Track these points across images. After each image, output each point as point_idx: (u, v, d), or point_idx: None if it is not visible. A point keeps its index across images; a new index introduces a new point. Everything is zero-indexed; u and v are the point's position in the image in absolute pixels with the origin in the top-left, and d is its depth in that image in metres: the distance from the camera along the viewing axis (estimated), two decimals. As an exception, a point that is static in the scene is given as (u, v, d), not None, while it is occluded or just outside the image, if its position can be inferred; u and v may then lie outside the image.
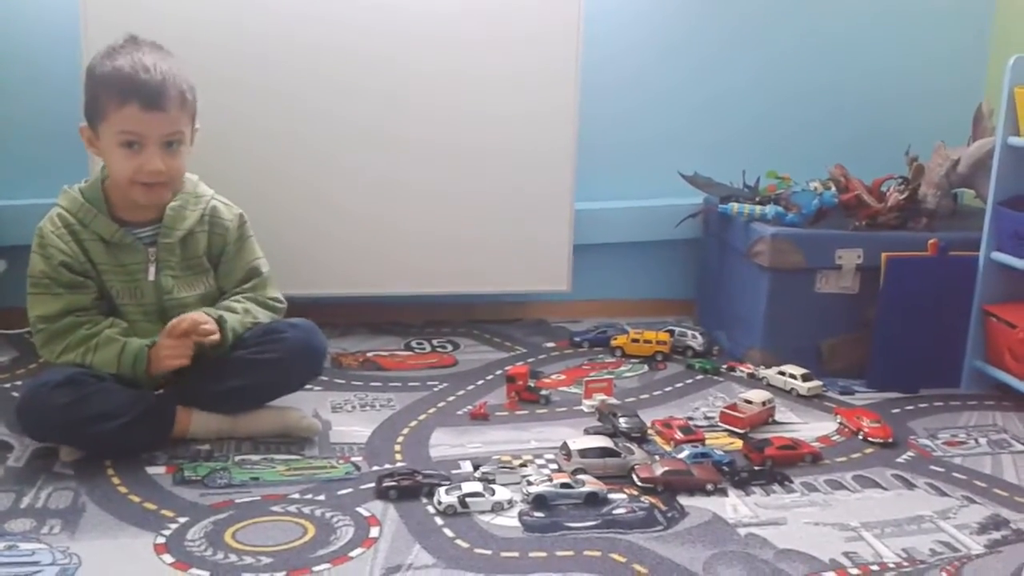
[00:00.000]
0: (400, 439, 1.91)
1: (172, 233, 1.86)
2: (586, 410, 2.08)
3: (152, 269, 1.86)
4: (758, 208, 2.39)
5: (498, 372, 2.28)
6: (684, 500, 1.69)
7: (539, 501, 1.65)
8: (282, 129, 2.32)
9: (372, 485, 1.69)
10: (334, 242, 2.40)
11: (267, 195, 2.11)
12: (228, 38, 2.23)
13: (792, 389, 2.22)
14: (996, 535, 1.62)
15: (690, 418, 2.04)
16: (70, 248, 1.81)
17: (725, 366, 2.36)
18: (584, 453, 1.77)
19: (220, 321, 1.82)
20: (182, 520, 1.57)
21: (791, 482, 1.78)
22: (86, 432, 1.73)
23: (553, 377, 2.28)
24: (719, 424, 2.02)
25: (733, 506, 1.68)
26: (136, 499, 1.63)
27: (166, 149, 1.79)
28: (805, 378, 2.22)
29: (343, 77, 2.33)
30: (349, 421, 1.99)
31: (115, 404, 1.74)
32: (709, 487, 1.72)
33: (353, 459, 1.81)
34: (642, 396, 2.19)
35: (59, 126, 2.34)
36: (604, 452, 1.78)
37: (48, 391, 1.71)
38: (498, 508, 1.63)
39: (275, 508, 1.62)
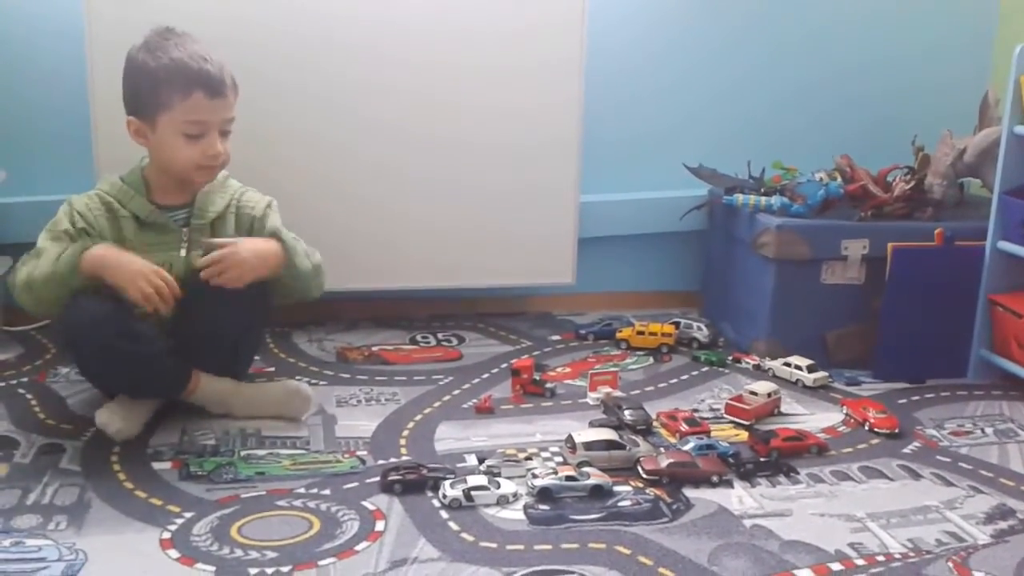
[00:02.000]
0: (405, 433, 1.91)
1: (204, 215, 1.94)
2: (591, 403, 2.08)
3: (184, 248, 1.91)
4: (763, 199, 2.38)
5: (503, 365, 2.27)
6: (689, 492, 1.69)
7: (544, 494, 1.65)
8: (283, 123, 2.32)
9: (377, 479, 1.70)
10: (339, 236, 2.39)
11: (270, 189, 2.10)
12: (230, 32, 2.22)
13: (798, 380, 2.21)
14: (1003, 525, 1.62)
15: (695, 410, 2.04)
16: (98, 223, 1.88)
17: (730, 358, 2.36)
18: (589, 446, 1.77)
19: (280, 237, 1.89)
20: (188, 515, 1.57)
21: (797, 473, 1.78)
22: (120, 347, 1.78)
23: (558, 370, 2.28)
24: (725, 416, 2.01)
25: (739, 498, 1.68)
26: (142, 494, 1.64)
27: (222, 135, 1.90)
28: (811, 369, 2.21)
29: (347, 70, 2.33)
30: (354, 415, 1.99)
31: (149, 332, 1.82)
32: (714, 479, 1.72)
33: (358, 453, 1.82)
34: (647, 388, 2.18)
35: (64, 124, 2.36)
36: (609, 445, 1.78)
37: (101, 300, 1.78)
38: (503, 501, 1.63)
39: (281, 503, 1.62)
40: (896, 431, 1.96)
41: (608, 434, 1.81)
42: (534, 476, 1.69)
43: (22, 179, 2.39)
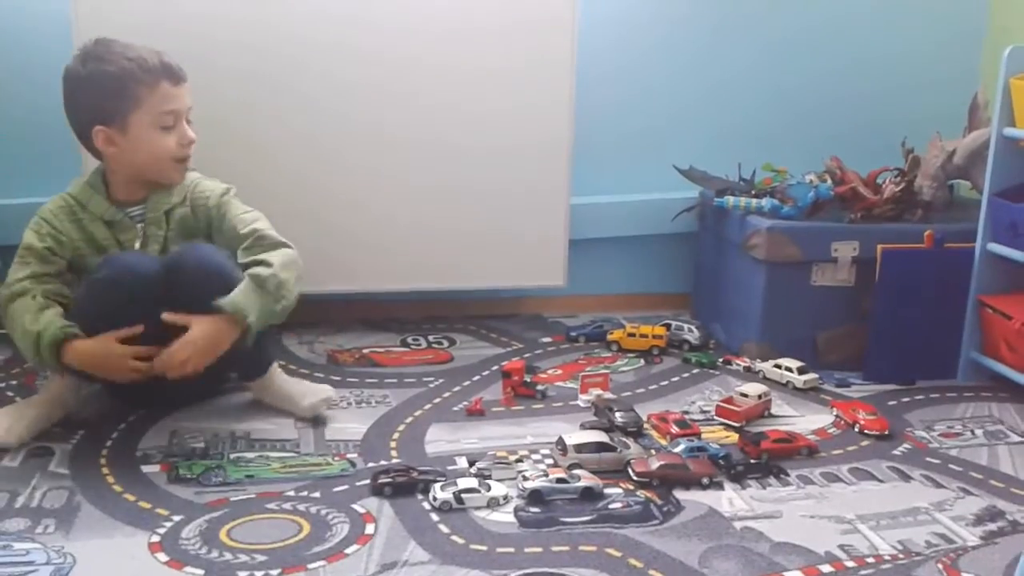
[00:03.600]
0: (396, 435, 1.91)
1: (157, 207, 1.95)
2: (582, 405, 2.08)
3: (138, 243, 1.93)
4: (754, 201, 2.38)
5: (494, 368, 2.27)
6: (680, 494, 1.69)
7: (535, 496, 1.65)
8: (273, 124, 2.32)
9: (367, 482, 1.69)
10: (329, 238, 2.40)
11: (260, 191, 2.10)
12: (220, 34, 2.23)
13: (788, 382, 2.21)
14: (992, 526, 1.62)
15: (686, 412, 2.04)
16: (65, 227, 1.90)
17: (721, 360, 2.36)
18: (580, 448, 1.77)
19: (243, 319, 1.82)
20: (177, 518, 1.57)
21: (787, 475, 1.78)
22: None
23: (549, 372, 2.28)
24: (715, 418, 2.02)
25: (729, 500, 1.68)
26: (131, 498, 1.63)
27: (187, 123, 1.94)
28: (801, 371, 2.22)
29: (336, 71, 2.33)
30: (345, 418, 1.98)
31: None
32: (705, 481, 1.72)
33: (349, 456, 1.81)
34: (638, 390, 2.18)
35: (51, 125, 2.32)
36: (600, 447, 1.78)
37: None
38: (494, 504, 1.63)
39: (270, 506, 1.62)
40: (886, 433, 1.96)
41: (599, 436, 1.81)
42: (525, 478, 1.69)
43: (8, 181, 2.38)
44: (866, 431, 1.97)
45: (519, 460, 1.79)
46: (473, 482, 1.66)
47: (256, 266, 1.86)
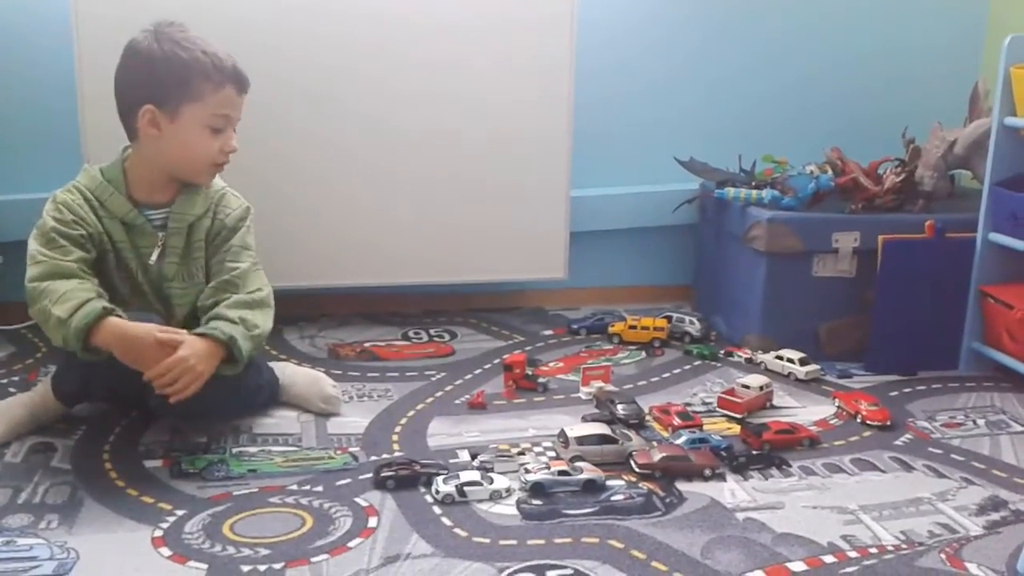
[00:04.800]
0: (398, 429, 1.91)
1: (182, 218, 1.86)
2: (584, 397, 2.08)
3: (156, 254, 1.84)
4: (754, 192, 2.38)
5: (496, 361, 2.27)
6: (682, 486, 1.69)
7: (537, 489, 1.65)
8: (275, 118, 2.31)
9: (370, 475, 1.69)
10: (330, 232, 2.40)
11: (261, 185, 2.10)
12: (219, 27, 2.21)
13: (790, 373, 2.21)
14: (995, 516, 1.62)
15: (688, 404, 2.04)
16: (87, 215, 1.80)
17: (723, 351, 2.36)
18: (582, 440, 1.77)
19: (231, 344, 1.72)
20: (180, 513, 1.57)
21: (789, 466, 1.78)
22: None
23: (551, 365, 2.28)
24: (717, 409, 2.02)
25: (731, 491, 1.68)
26: (134, 493, 1.63)
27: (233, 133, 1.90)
28: (803, 362, 2.22)
29: (336, 64, 2.32)
30: (347, 411, 1.98)
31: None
32: (707, 472, 1.72)
33: (351, 450, 1.81)
34: (640, 383, 2.18)
35: (54, 121, 2.35)
36: (602, 439, 1.78)
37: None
38: (496, 496, 1.63)
39: (273, 500, 1.62)
40: (888, 423, 1.96)
41: (601, 428, 1.81)
42: (527, 471, 1.69)
43: (10, 177, 2.38)
44: (868, 422, 1.97)
45: (521, 453, 1.79)
46: (475, 475, 1.66)
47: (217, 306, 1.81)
